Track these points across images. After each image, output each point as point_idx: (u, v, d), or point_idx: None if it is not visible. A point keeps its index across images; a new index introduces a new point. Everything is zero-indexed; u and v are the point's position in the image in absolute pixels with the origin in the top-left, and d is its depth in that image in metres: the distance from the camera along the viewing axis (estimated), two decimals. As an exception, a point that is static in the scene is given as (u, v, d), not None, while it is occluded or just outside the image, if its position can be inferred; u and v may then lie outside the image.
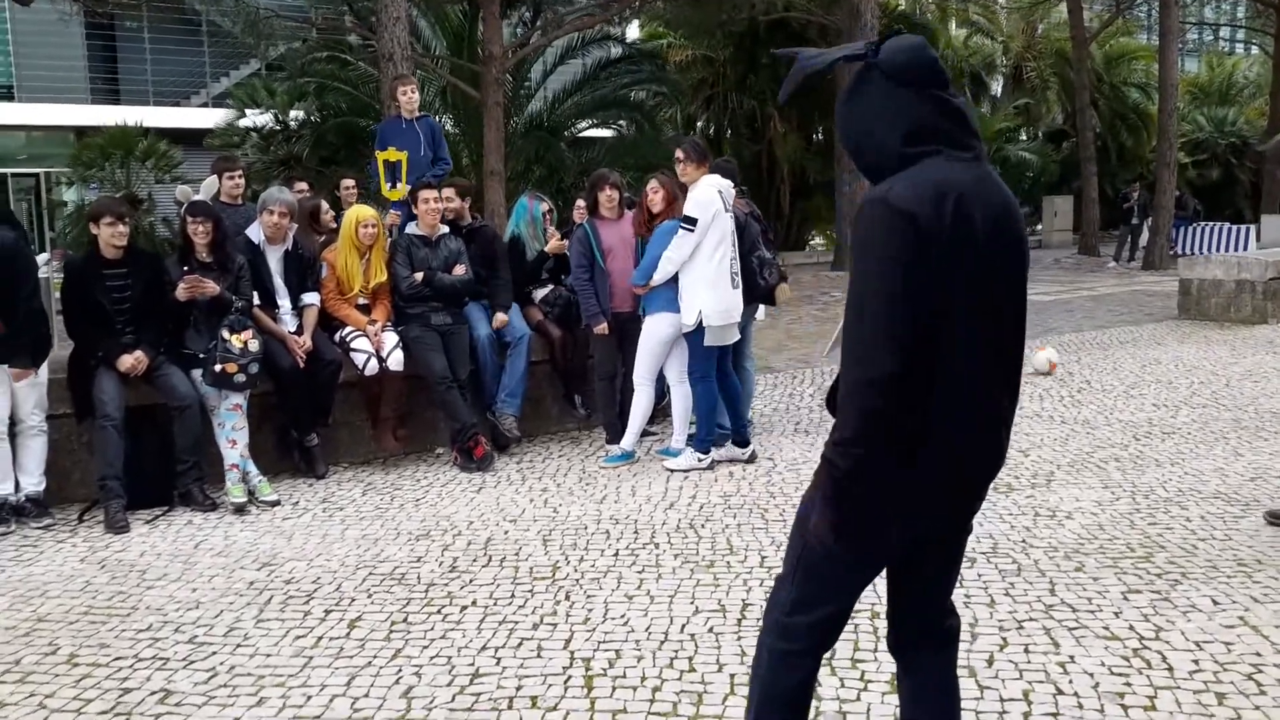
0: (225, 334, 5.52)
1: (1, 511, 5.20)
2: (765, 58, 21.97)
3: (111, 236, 5.49)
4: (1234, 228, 21.17)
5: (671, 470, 6.08)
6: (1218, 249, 20.18)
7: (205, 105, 23.01)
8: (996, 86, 31.60)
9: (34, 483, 5.33)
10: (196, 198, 6.04)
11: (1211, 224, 21.73)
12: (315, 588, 4.31)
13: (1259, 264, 11.76)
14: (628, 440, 6.34)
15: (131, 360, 5.40)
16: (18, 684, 3.48)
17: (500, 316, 6.67)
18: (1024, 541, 4.64)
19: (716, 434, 6.23)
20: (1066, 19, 25.41)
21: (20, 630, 3.94)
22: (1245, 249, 19.20)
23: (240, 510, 5.40)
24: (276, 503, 5.55)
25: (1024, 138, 30.85)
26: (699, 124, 24.46)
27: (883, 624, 3.77)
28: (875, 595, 4.03)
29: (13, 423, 5.28)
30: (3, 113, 19.19)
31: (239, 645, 3.75)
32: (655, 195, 6.18)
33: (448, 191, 6.87)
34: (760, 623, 3.79)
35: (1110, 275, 18.79)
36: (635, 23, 23.74)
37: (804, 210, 24.54)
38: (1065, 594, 4.05)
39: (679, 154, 6.08)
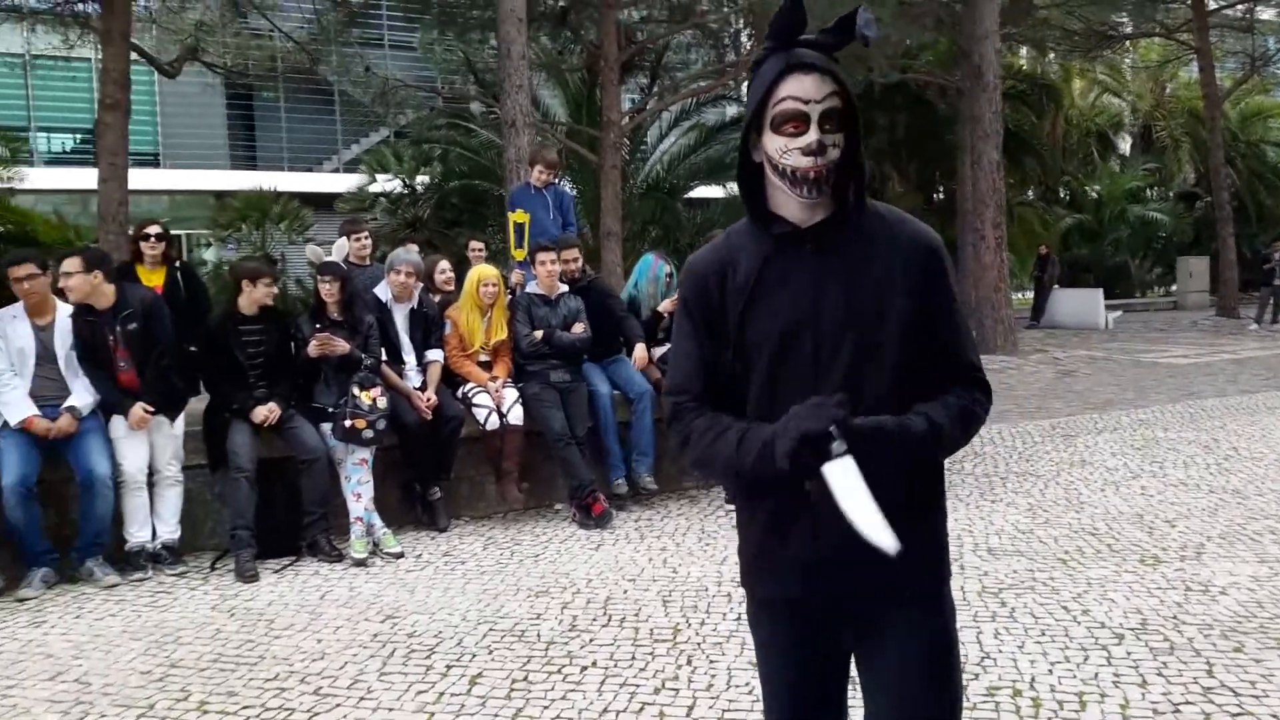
0: (355, 390, 5.63)
1: (139, 558, 5.36)
2: (882, 119, 21.86)
3: (265, 296, 5.73)
4: (1387, 289, 20.03)
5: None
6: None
7: (337, 170, 23.96)
8: (1124, 146, 30.80)
9: (169, 531, 5.49)
10: (328, 259, 6.22)
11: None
12: (437, 642, 4.29)
13: None
14: None
15: (265, 412, 5.55)
16: (150, 729, 3.54)
17: (639, 350, 6.68)
18: (1175, 618, 4.35)
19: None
20: (1197, 78, 24.68)
21: (155, 675, 4.01)
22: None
23: (361, 564, 5.45)
24: (400, 555, 5.60)
25: (1152, 197, 29.91)
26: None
27: (1026, 702, 3.57)
28: (1017, 671, 3.84)
29: (150, 473, 5.46)
30: (149, 178, 20.28)
31: (362, 698, 3.75)
32: None
33: (572, 253, 6.93)
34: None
35: (1252, 338, 17.93)
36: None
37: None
38: (1225, 676, 3.76)
39: None
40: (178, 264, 6.94)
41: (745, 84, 21.57)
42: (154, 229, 6.76)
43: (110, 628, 4.58)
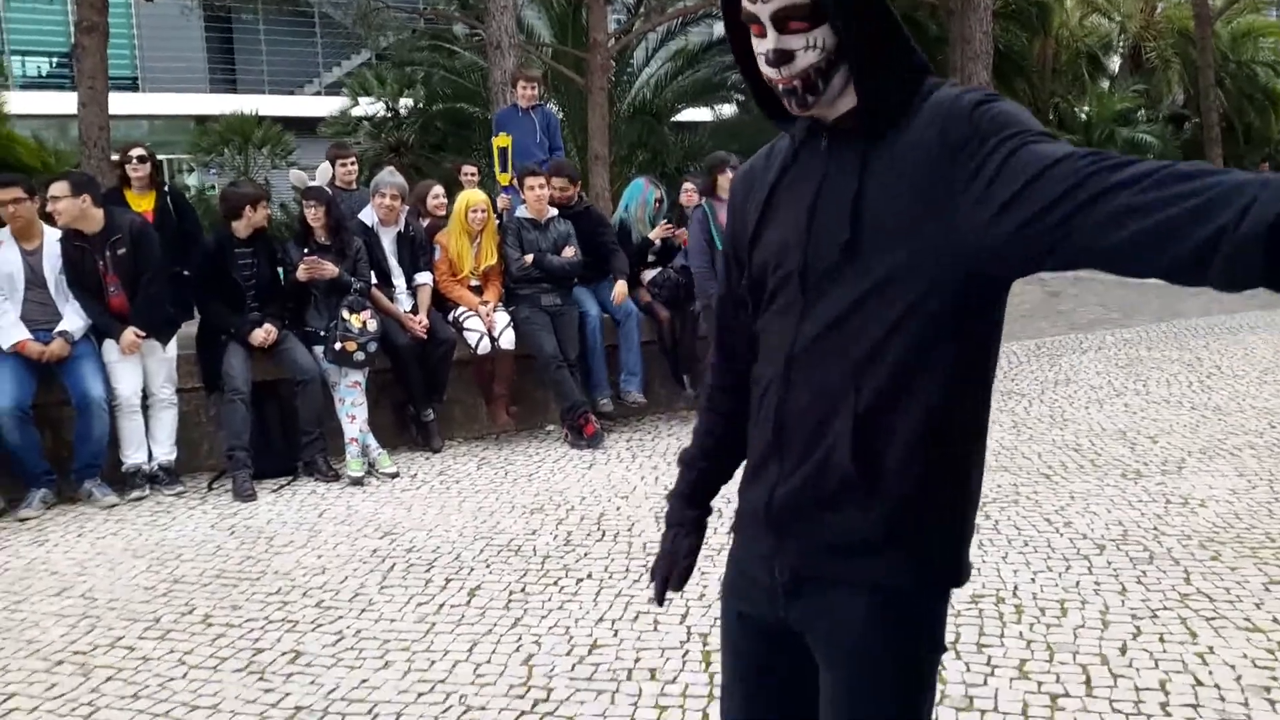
0: (345, 314, 5.65)
1: (136, 479, 5.42)
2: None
3: (262, 219, 5.73)
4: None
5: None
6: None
7: (319, 94, 23.59)
8: (1113, 67, 30.53)
9: (165, 452, 5.54)
10: (312, 183, 6.19)
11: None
12: (435, 557, 4.39)
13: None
14: None
15: (263, 334, 5.58)
16: (159, 640, 3.62)
17: (620, 285, 6.69)
18: (1155, 529, 4.47)
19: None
20: (1189, -4, 24.42)
21: (159, 590, 4.09)
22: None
23: (358, 483, 5.53)
24: (395, 475, 5.67)
25: (1141, 119, 29.77)
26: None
27: (1009, 609, 3.68)
28: (1000, 580, 3.95)
29: (145, 396, 5.50)
30: (128, 102, 19.96)
31: (364, 610, 3.84)
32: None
33: (560, 181, 6.90)
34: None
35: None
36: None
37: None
38: (1201, 583, 3.88)
39: None
40: (167, 188, 6.89)
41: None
42: (137, 151, 6.70)
43: (112, 546, 4.65)
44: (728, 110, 19.70)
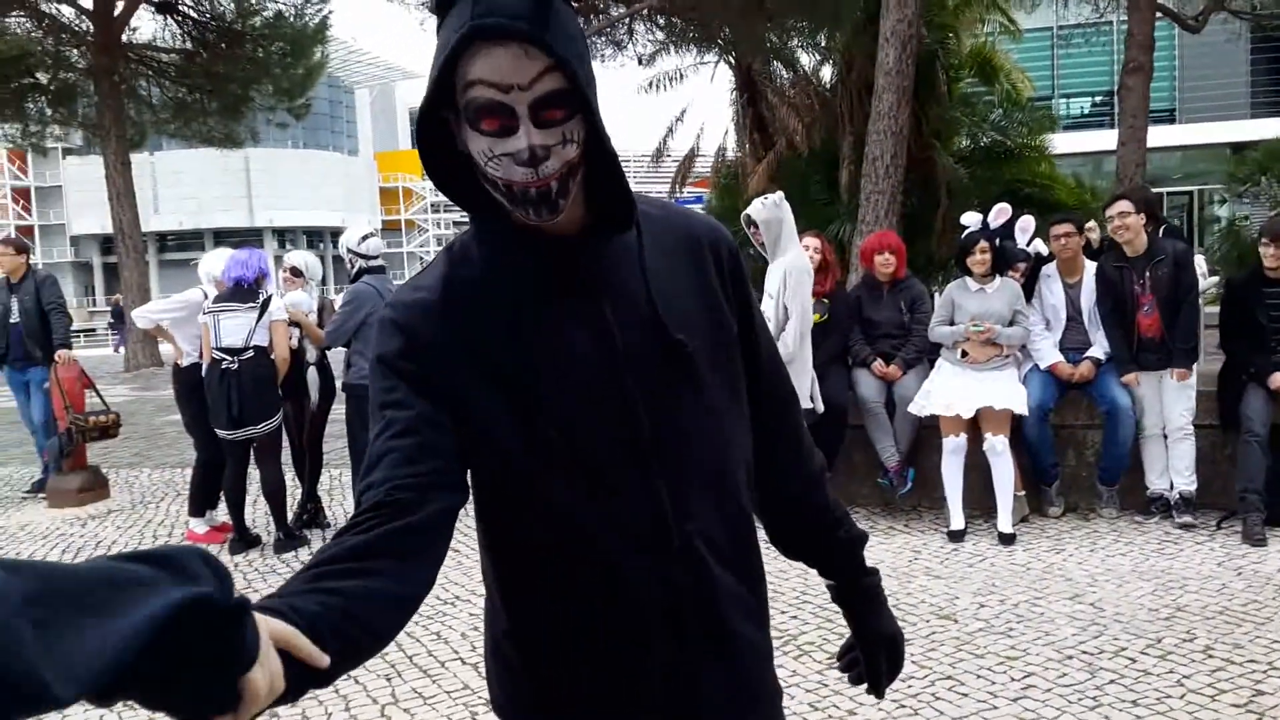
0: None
1: (1153, 505, 5.65)
2: None
3: (1275, 255, 5.54)
4: None
5: None
6: None
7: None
8: None
9: (1185, 481, 5.63)
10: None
11: None
12: None
13: None
14: None
15: None
16: (1159, 659, 3.83)
17: None
18: None
19: None
20: None
21: (1161, 614, 4.29)
22: None
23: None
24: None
25: None
26: None
27: None
28: None
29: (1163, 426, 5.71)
30: (1163, 135, 20.18)
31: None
32: None
33: None
34: None
35: None
36: None
37: None
38: None
39: None
40: (1172, 222, 7.02)
41: None
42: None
43: (1120, 564, 4.97)
44: None
